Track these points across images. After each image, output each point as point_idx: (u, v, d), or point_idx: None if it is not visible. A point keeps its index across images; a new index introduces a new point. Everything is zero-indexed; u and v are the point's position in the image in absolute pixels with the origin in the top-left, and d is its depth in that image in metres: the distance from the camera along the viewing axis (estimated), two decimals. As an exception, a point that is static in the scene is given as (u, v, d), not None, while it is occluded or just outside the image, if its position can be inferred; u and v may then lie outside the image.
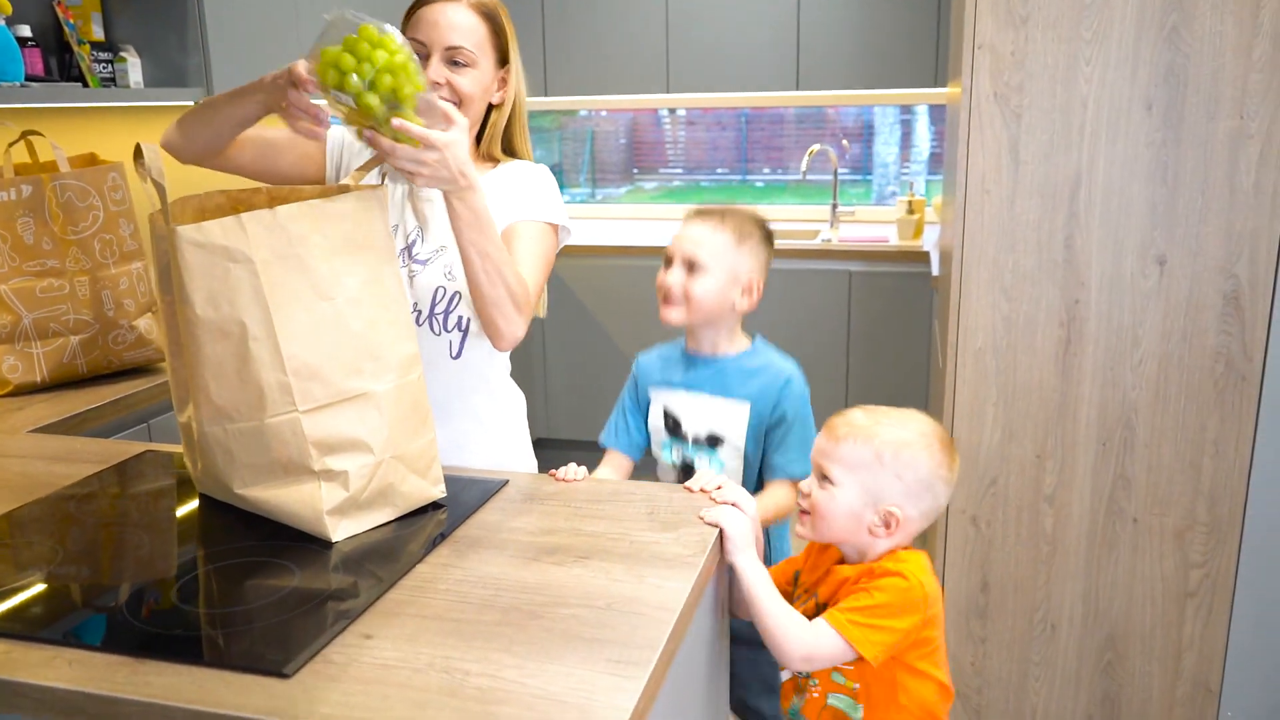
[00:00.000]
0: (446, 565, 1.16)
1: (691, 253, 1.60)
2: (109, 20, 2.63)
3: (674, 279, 1.61)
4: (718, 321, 1.64)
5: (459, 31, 1.53)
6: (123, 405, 1.95)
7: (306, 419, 1.21)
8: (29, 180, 1.89)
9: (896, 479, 1.26)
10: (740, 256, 1.61)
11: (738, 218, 1.63)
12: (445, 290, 1.59)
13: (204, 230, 1.18)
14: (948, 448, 1.29)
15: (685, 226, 1.64)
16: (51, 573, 1.17)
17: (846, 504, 1.28)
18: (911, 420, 1.31)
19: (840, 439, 1.29)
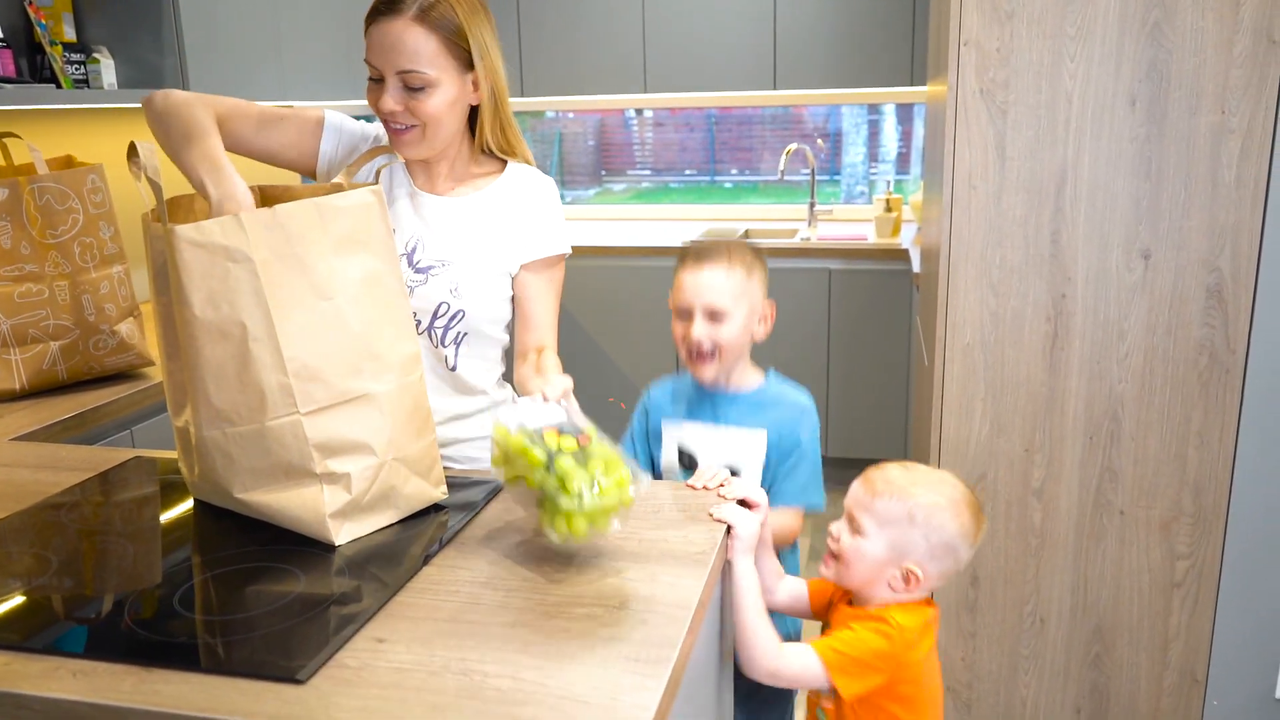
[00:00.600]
0: (455, 567, 1.15)
1: (714, 303, 1.56)
2: (80, 21, 2.58)
3: (702, 333, 1.56)
4: (740, 360, 1.63)
5: (408, 55, 1.41)
6: (105, 412, 1.91)
7: (308, 421, 1.19)
8: (5, 183, 1.85)
9: (924, 539, 1.29)
10: (752, 289, 1.60)
11: (738, 251, 1.61)
12: (449, 306, 1.55)
13: (203, 230, 1.16)
14: (976, 514, 1.32)
15: (695, 275, 1.58)
16: (47, 583, 1.15)
17: (873, 556, 1.30)
18: (945, 484, 1.33)
19: (878, 494, 1.31)
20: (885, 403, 3.82)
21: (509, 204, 1.59)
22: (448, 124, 1.49)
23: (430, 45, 1.42)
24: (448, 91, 1.46)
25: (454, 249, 1.56)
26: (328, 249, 1.22)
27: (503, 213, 1.58)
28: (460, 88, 1.48)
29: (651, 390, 1.75)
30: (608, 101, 4.60)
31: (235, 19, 2.74)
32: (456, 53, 1.45)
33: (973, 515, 1.31)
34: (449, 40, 1.44)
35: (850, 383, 3.85)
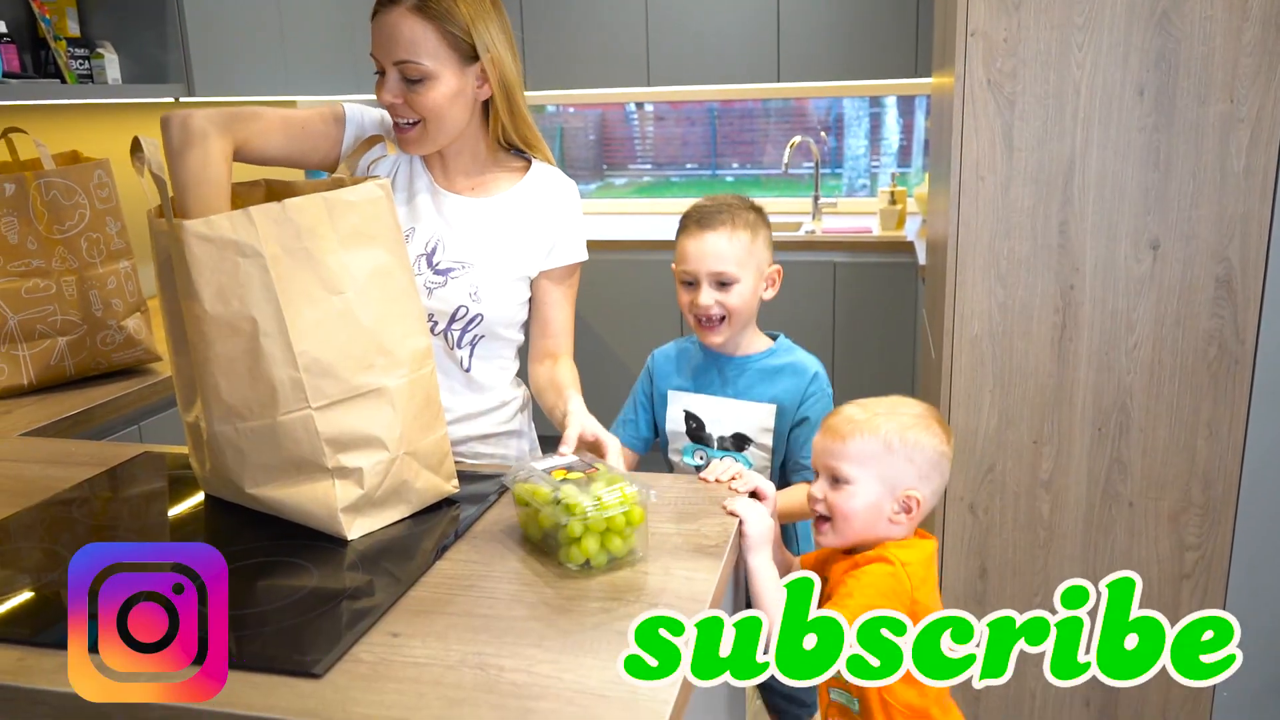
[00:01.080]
0: (467, 561, 1.15)
1: (721, 269, 1.55)
2: (84, 16, 2.58)
3: (709, 299, 1.55)
4: (750, 321, 1.62)
5: (404, 45, 1.40)
6: (112, 407, 1.91)
7: (319, 416, 1.18)
8: (12, 179, 1.84)
9: (909, 463, 1.26)
10: (758, 250, 1.58)
11: (739, 211, 1.59)
12: (467, 310, 1.53)
13: (212, 224, 1.16)
14: (942, 424, 1.31)
15: (698, 241, 1.56)
16: (57, 578, 1.14)
17: (865, 499, 1.26)
18: (903, 405, 1.32)
19: (846, 436, 1.28)
20: (892, 394, 3.81)
21: (532, 208, 1.56)
22: (450, 118, 1.46)
23: (428, 37, 1.40)
24: (447, 84, 1.43)
25: (475, 252, 1.54)
26: (337, 243, 1.22)
27: (525, 217, 1.56)
28: (460, 81, 1.45)
29: (655, 355, 1.74)
30: (611, 95, 4.58)
31: (239, 13, 2.73)
32: (457, 45, 1.42)
33: (940, 426, 1.31)
34: (448, 32, 1.41)
35: (855, 376, 3.85)
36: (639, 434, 1.70)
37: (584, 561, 1.10)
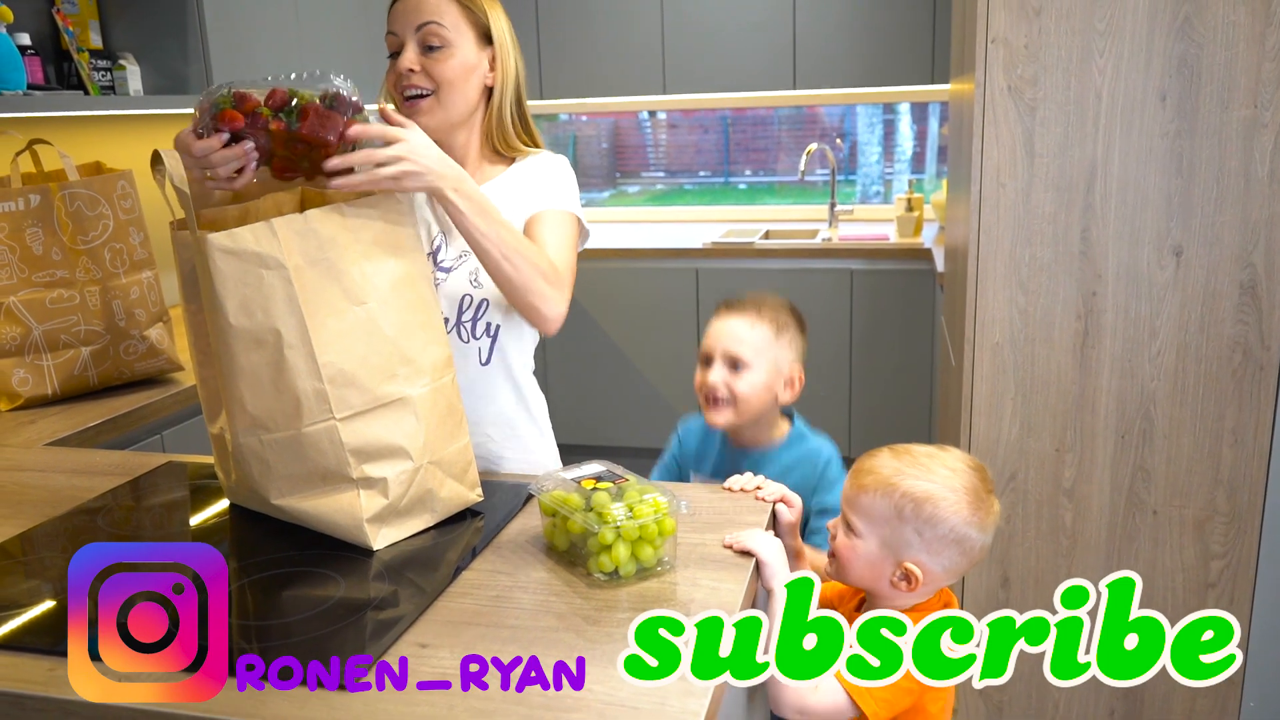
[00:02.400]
0: (493, 571, 1.14)
1: (734, 350, 1.53)
2: (107, 28, 2.60)
3: (718, 377, 1.54)
4: (761, 418, 1.57)
5: (428, 10, 1.46)
6: (135, 417, 1.92)
7: (344, 426, 1.18)
8: (37, 190, 1.86)
9: (916, 534, 1.18)
10: (780, 349, 1.55)
11: (773, 309, 1.58)
12: (472, 297, 1.55)
13: (235, 237, 1.16)
14: (978, 500, 1.19)
15: (720, 323, 1.57)
16: (87, 588, 1.15)
17: (866, 555, 1.21)
18: (940, 468, 1.20)
19: (863, 488, 1.22)
20: (908, 404, 3.80)
21: (521, 185, 1.57)
22: (461, 93, 1.51)
23: (451, 8, 1.48)
24: (465, 56, 1.49)
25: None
26: (359, 254, 1.22)
27: (516, 194, 1.56)
28: (476, 57, 1.51)
29: (683, 427, 1.71)
30: (627, 103, 4.59)
31: (259, 25, 2.75)
32: (475, 22, 1.50)
33: (972, 502, 1.18)
34: (467, 9, 1.50)
35: (873, 384, 3.84)
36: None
37: (613, 570, 1.10)
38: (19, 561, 1.23)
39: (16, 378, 1.87)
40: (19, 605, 1.11)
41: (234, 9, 2.65)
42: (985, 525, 1.19)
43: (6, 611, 1.09)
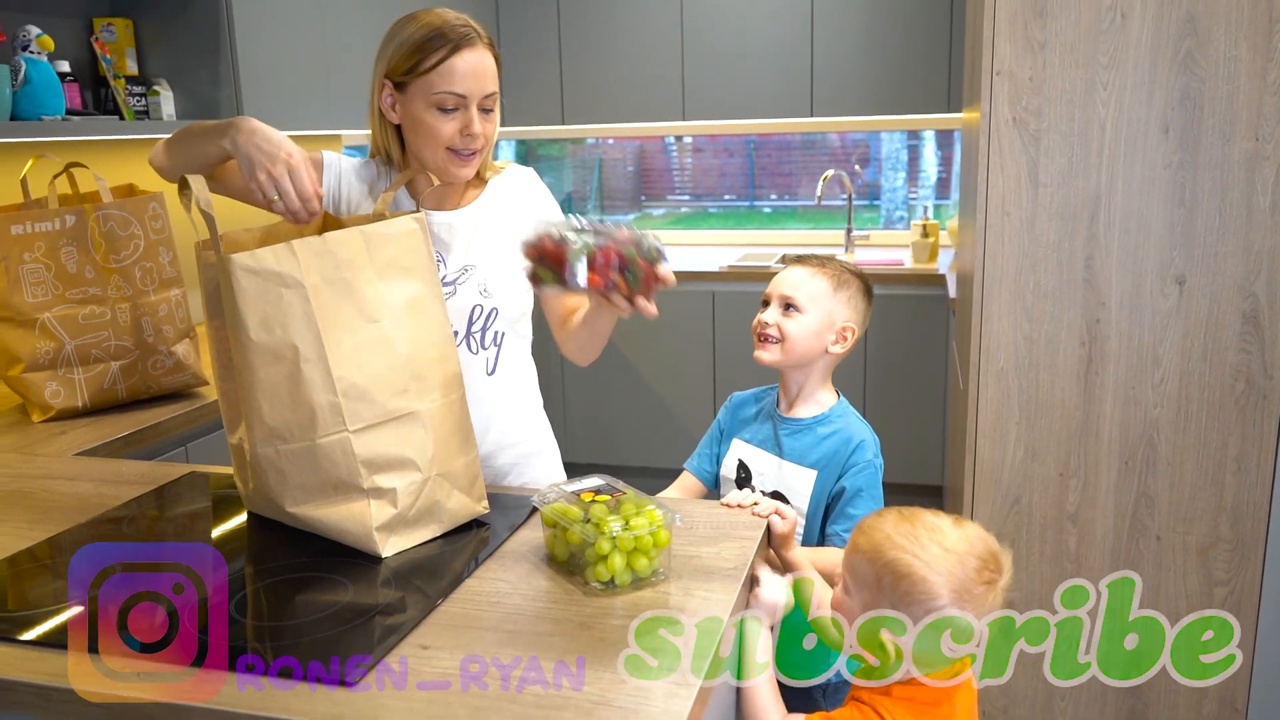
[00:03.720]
0: (495, 579, 1.19)
1: (789, 294, 1.62)
2: (142, 55, 2.70)
3: (771, 316, 1.63)
4: (809, 365, 1.63)
5: (490, 79, 1.54)
6: (161, 430, 1.99)
7: (356, 439, 1.24)
8: (73, 210, 1.94)
9: (892, 609, 1.12)
10: (837, 303, 1.62)
11: (837, 266, 1.66)
12: (482, 308, 1.62)
13: (257, 257, 1.22)
14: (963, 592, 1.10)
15: (785, 271, 1.66)
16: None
17: (851, 616, 1.17)
18: (933, 545, 1.12)
19: (855, 548, 1.17)
20: (922, 428, 3.82)
21: (509, 199, 1.66)
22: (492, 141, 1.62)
23: (496, 71, 1.56)
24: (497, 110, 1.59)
25: (474, 255, 1.63)
26: (374, 274, 1.28)
27: (507, 208, 1.65)
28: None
29: (734, 397, 1.80)
30: (647, 129, 4.67)
31: (287, 53, 2.85)
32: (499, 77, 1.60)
33: (956, 590, 1.10)
34: (499, 67, 1.59)
35: (887, 408, 3.86)
36: (709, 468, 1.74)
37: (609, 580, 1.15)
38: (47, 565, 1.29)
39: (49, 390, 1.95)
40: (46, 605, 1.17)
41: (263, 36, 2.74)
42: (976, 610, 1.12)
43: (35, 610, 1.15)
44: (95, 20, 2.59)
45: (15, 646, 1.06)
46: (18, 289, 1.90)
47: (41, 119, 2.21)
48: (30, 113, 2.20)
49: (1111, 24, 1.99)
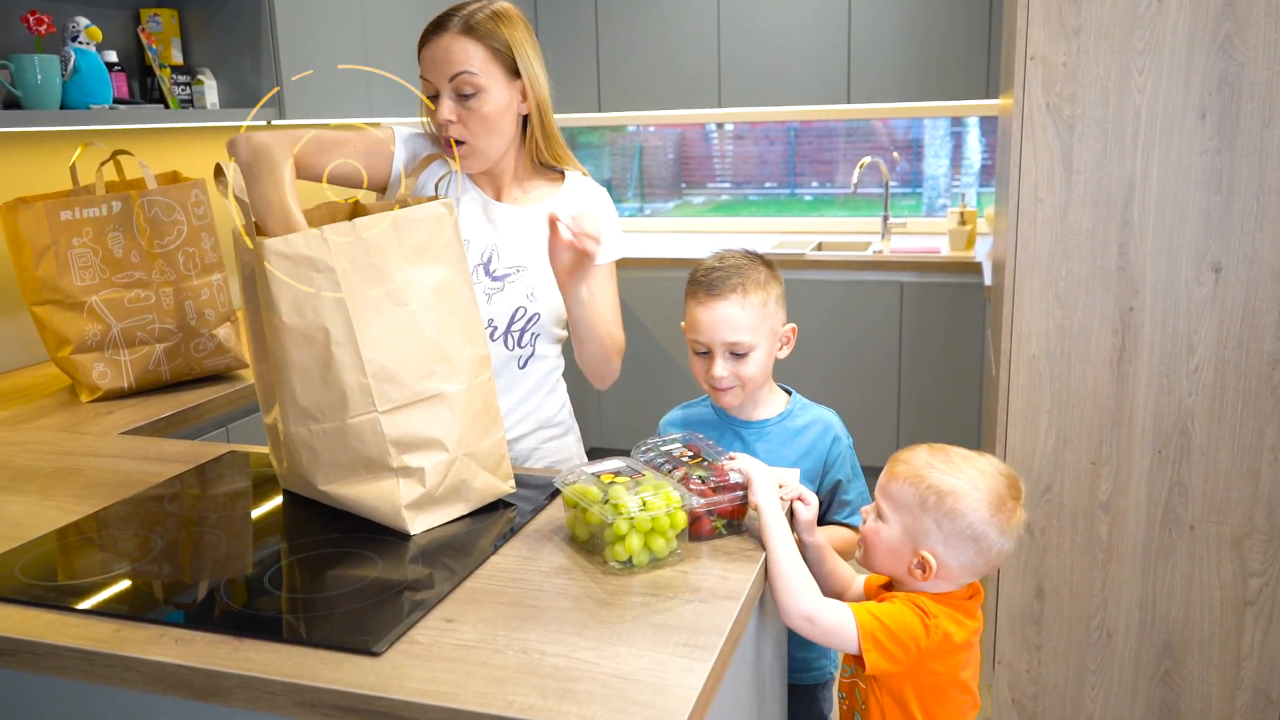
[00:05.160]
0: (519, 557, 1.22)
1: (734, 339, 1.50)
2: (187, 45, 2.76)
3: (722, 371, 1.50)
4: (766, 382, 1.59)
5: (457, 61, 1.52)
6: (203, 410, 2.05)
7: (385, 419, 1.28)
8: (119, 197, 2.00)
9: (936, 525, 1.23)
10: (771, 312, 1.52)
11: (750, 272, 1.52)
12: (526, 310, 1.65)
13: (290, 243, 1.26)
14: (999, 501, 1.23)
15: (710, 310, 1.50)
16: (151, 564, 1.25)
17: (888, 541, 1.27)
18: (969, 468, 1.25)
19: (894, 476, 1.28)
20: (957, 416, 3.81)
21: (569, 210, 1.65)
22: (500, 132, 1.58)
23: (478, 52, 1.53)
24: (498, 97, 1.56)
25: (528, 255, 1.65)
26: (403, 259, 1.31)
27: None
28: (508, 94, 1.58)
29: (665, 425, 1.69)
30: (682, 116, 4.68)
31: (327, 42, 2.90)
32: (502, 60, 1.56)
33: (994, 503, 1.22)
34: (493, 48, 1.55)
35: (922, 396, 3.85)
36: None
37: (627, 559, 1.17)
38: (93, 538, 1.34)
39: (96, 371, 2.01)
40: (92, 575, 1.22)
41: (304, 27, 2.79)
42: (1005, 529, 1.23)
43: (81, 580, 1.20)
44: (142, 11, 2.66)
45: (63, 613, 1.11)
46: (67, 273, 1.97)
47: (90, 108, 2.28)
48: (79, 102, 2.27)
49: (1148, 8, 1.96)
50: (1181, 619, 2.20)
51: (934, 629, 1.22)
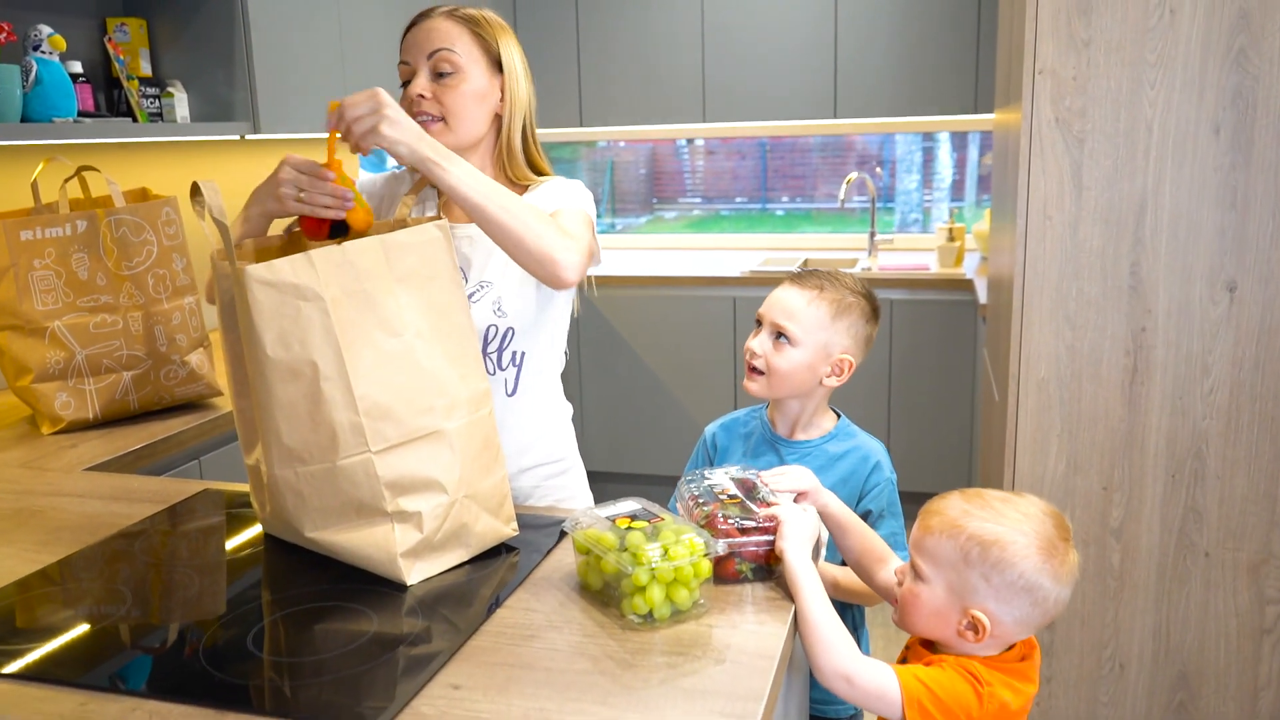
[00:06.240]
0: (528, 610, 1.12)
1: (782, 323, 1.48)
2: (156, 56, 2.64)
3: (759, 345, 1.50)
4: (803, 397, 1.52)
5: (439, 38, 1.49)
6: (174, 442, 1.92)
7: (379, 460, 1.17)
8: (84, 215, 1.88)
9: (983, 580, 1.12)
10: (835, 332, 1.48)
11: (840, 289, 1.50)
12: (497, 328, 1.55)
13: (274, 269, 1.16)
14: (1050, 546, 1.12)
15: (782, 290, 1.52)
16: (120, 620, 1.14)
17: (931, 603, 1.16)
18: (1012, 512, 1.14)
19: (929, 530, 1.17)
20: (949, 436, 3.74)
21: (538, 201, 1.54)
22: (471, 119, 1.52)
23: (462, 35, 1.50)
24: (475, 82, 1.51)
25: (493, 269, 1.55)
26: (395, 284, 1.21)
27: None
28: (486, 84, 1.52)
29: (714, 432, 1.64)
30: (668, 131, 4.60)
31: (303, 54, 2.79)
32: (486, 49, 1.52)
33: (1045, 548, 1.11)
34: (479, 36, 1.52)
35: (912, 415, 3.78)
36: None
37: (647, 613, 1.08)
38: (57, 588, 1.23)
39: (59, 401, 1.89)
40: (54, 635, 1.10)
41: (279, 37, 2.68)
42: (1060, 576, 1.12)
43: (43, 639, 1.09)
44: (109, 20, 2.54)
45: (22, 684, 1.00)
46: (27, 297, 1.84)
47: (53, 121, 2.16)
48: (41, 114, 2.14)
49: (1160, 20, 1.91)
50: (1197, 649, 2.13)
51: (989, 698, 1.11)
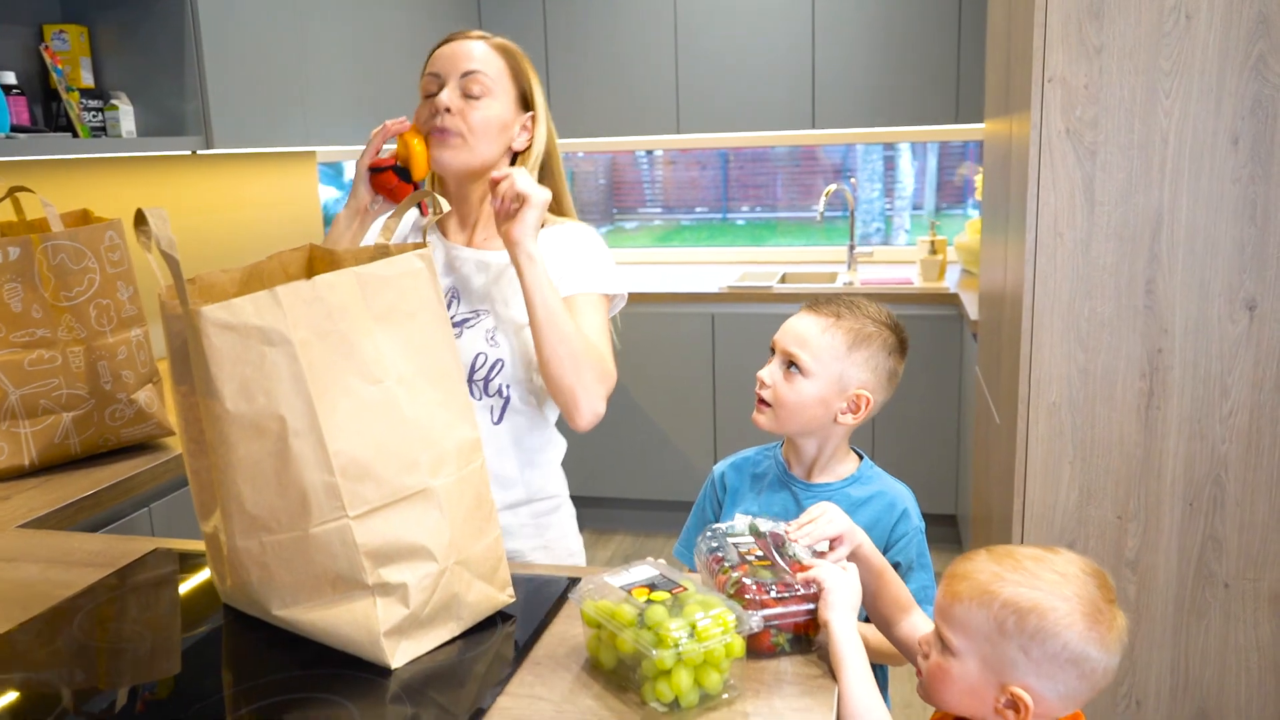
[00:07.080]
0: (533, 697, 0.98)
1: (793, 350, 1.36)
2: (99, 65, 2.46)
3: (768, 375, 1.38)
4: (818, 435, 1.39)
5: (476, 60, 1.46)
6: (121, 489, 1.75)
7: (358, 526, 1.02)
8: (17, 241, 1.70)
9: (1022, 653, 0.99)
10: (850, 364, 1.35)
11: (858, 319, 1.38)
12: (487, 357, 1.46)
13: (233, 309, 1.00)
14: (1094, 610, 0.99)
15: (797, 318, 1.40)
16: (59, 717, 0.98)
17: (964, 678, 1.03)
18: (1048, 573, 1.01)
19: (956, 597, 1.03)
20: (934, 455, 3.64)
21: (551, 251, 1.45)
22: (490, 141, 1.48)
23: (495, 62, 1.48)
24: (502, 110, 1.48)
25: (488, 299, 1.49)
26: (372, 323, 1.07)
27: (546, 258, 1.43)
28: (511, 115, 1.50)
29: (724, 471, 1.50)
30: (642, 142, 4.48)
31: (260, 63, 2.62)
32: (517, 82, 1.51)
33: (1089, 613, 0.98)
34: (513, 70, 1.50)
35: (895, 432, 3.67)
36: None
37: (673, 700, 0.93)
38: (-20, 680, 1.06)
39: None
40: (-26, 744, 0.94)
41: (233, 44, 2.51)
42: (1107, 642, 0.99)
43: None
44: (45, 27, 2.36)
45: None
46: (-46, 332, 1.66)
47: (-17, 138, 1.98)
48: (-30, 131, 1.96)
49: (1175, 26, 1.81)
50: (1216, 683, 2.03)
51: None
